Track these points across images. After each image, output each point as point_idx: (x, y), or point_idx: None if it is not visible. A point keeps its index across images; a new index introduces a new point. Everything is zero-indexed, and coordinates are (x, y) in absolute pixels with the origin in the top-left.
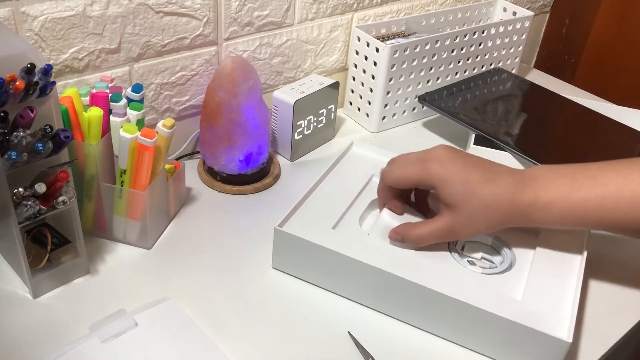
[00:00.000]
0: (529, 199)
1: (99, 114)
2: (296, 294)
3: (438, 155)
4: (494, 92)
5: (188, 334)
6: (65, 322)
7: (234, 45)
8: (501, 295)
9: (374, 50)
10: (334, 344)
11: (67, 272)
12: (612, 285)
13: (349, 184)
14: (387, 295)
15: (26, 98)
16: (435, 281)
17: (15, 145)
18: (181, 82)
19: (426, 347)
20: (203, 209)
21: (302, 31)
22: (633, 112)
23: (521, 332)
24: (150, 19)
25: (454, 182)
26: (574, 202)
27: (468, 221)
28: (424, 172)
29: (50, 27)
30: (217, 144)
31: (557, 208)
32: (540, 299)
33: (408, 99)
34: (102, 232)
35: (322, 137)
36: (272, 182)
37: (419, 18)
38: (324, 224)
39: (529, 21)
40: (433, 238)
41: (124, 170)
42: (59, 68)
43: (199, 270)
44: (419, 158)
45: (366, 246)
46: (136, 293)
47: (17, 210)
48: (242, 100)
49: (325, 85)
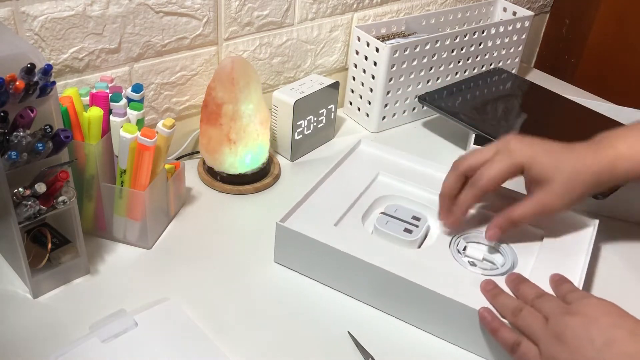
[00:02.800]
0: (610, 154)
1: (99, 114)
2: (296, 294)
3: (514, 140)
4: (494, 92)
5: (188, 334)
6: (65, 322)
7: (234, 45)
8: None
9: (374, 50)
10: (334, 344)
11: (67, 272)
12: (615, 289)
13: (354, 181)
14: (386, 293)
15: (26, 98)
16: (435, 281)
17: (15, 145)
18: (181, 82)
19: (426, 348)
20: (203, 209)
21: (302, 31)
22: (633, 112)
23: None
24: (150, 19)
25: (541, 157)
26: None
27: (563, 190)
28: (512, 158)
29: (50, 27)
30: (217, 144)
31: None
32: None
33: (408, 99)
34: (102, 232)
35: (322, 137)
36: (272, 182)
37: (419, 18)
38: (326, 221)
39: (529, 21)
40: (530, 215)
41: (124, 170)
42: (59, 68)
43: (199, 270)
44: (496, 151)
45: (366, 244)
46: (136, 293)
47: (17, 210)
48: (242, 100)
49: (325, 85)
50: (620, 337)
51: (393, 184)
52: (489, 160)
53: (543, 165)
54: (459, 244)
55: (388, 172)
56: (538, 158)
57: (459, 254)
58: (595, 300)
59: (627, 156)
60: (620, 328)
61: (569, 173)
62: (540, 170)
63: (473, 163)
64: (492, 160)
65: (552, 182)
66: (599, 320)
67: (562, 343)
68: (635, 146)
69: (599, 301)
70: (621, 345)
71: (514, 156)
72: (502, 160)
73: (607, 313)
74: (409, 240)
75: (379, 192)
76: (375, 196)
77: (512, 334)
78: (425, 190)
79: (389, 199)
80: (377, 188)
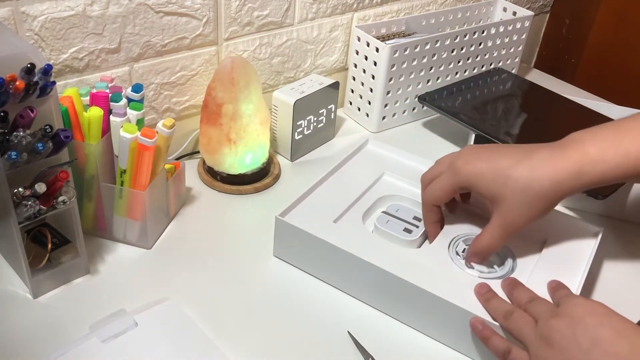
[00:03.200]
0: (576, 158)
1: (99, 114)
2: (296, 294)
3: (463, 156)
4: (494, 92)
5: (188, 334)
6: (65, 322)
7: (234, 45)
8: None
9: (374, 50)
10: (334, 344)
11: (67, 272)
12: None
13: (357, 180)
14: (382, 292)
15: (26, 98)
16: (431, 282)
17: (15, 145)
18: (181, 82)
19: (426, 348)
20: (203, 209)
21: (302, 31)
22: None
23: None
24: (150, 19)
25: (484, 176)
26: (629, 145)
27: (517, 208)
28: (455, 177)
29: (50, 27)
30: (217, 144)
31: (613, 155)
32: None
33: (408, 99)
34: (102, 232)
35: (322, 137)
36: (272, 182)
37: (419, 18)
38: (326, 217)
39: (529, 21)
40: (498, 240)
41: (124, 170)
42: (59, 68)
43: (199, 270)
44: (449, 165)
45: (365, 242)
46: (136, 293)
47: (17, 210)
48: (242, 100)
49: (325, 85)
50: (606, 336)
51: (397, 184)
52: (436, 177)
53: (489, 184)
54: (457, 246)
55: (393, 172)
56: (481, 177)
57: (457, 256)
58: (581, 301)
59: (596, 158)
60: (606, 328)
61: (522, 185)
62: (486, 190)
63: (426, 178)
64: (439, 179)
65: (503, 200)
66: (585, 320)
67: (550, 346)
68: (603, 145)
69: (585, 301)
70: (607, 345)
71: (458, 178)
72: (445, 180)
73: (593, 312)
74: (409, 240)
75: (382, 191)
76: (378, 195)
77: (503, 341)
78: None
79: (391, 198)
80: (381, 187)
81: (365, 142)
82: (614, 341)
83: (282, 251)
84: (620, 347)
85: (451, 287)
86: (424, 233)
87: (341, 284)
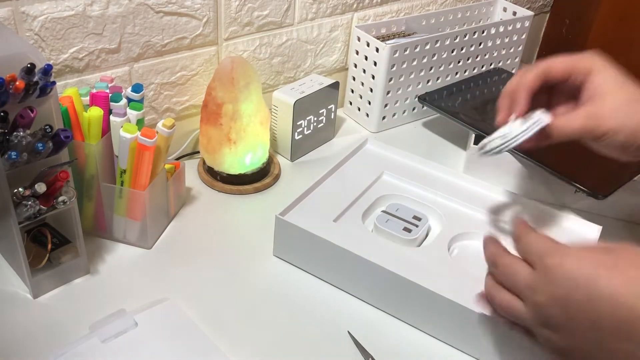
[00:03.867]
0: None
1: (99, 114)
2: (296, 293)
3: (598, 56)
4: (494, 92)
5: (188, 334)
6: (65, 322)
7: (234, 45)
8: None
9: (374, 50)
10: (334, 344)
11: (67, 272)
12: None
13: (357, 179)
14: (383, 291)
15: (26, 98)
16: (430, 280)
17: (15, 145)
18: (181, 82)
19: (425, 348)
20: (203, 209)
21: (302, 31)
22: None
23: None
24: (150, 18)
25: (610, 71)
26: None
27: (619, 106)
28: (583, 58)
29: (50, 27)
30: (217, 144)
31: None
32: None
33: (408, 99)
34: (102, 232)
35: (322, 137)
36: (272, 182)
37: (419, 18)
38: (326, 216)
39: (529, 21)
40: (578, 129)
41: (124, 170)
42: (59, 68)
43: (199, 270)
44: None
45: (364, 241)
46: (136, 293)
47: (17, 210)
48: (242, 100)
49: (325, 85)
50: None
51: (397, 184)
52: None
53: (608, 77)
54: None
55: (393, 172)
56: (607, 71)
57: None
58: (554, 277)
59: None
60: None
61: (632, 93)
62: (602, 81)
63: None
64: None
65: (608, 95)
66: (571, 297)
67: (555, 330)
68: None
69: (557, 277)
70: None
71: (586, 58)
72: (572, 56)
73: (576, 287)
74: (408, 239)
75: (382, 190)
76: (378, 195)
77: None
78: (429, 192)
79: (391, 198)
80: (381, 187)
81: (364, 142)
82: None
83: (282, 250)
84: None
85: (451, 285)
86: (424, 233)
87: (341, 282)
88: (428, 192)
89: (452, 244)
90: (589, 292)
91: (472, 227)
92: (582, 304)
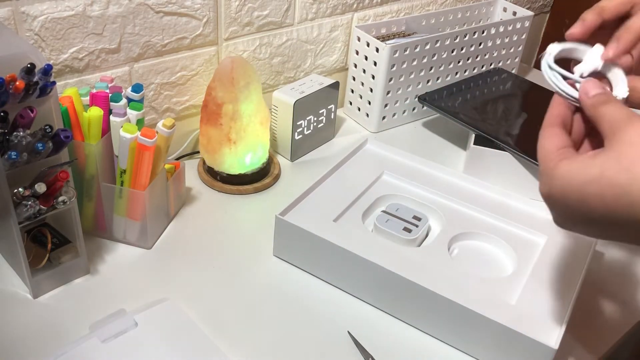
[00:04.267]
0: None
1: (99, 114)
2: (296, 293)
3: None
4: (494, 92)
5: (188, 334)
6: (65, 322)
7: (234, 45)
8: (496, 299)
9: (374, 50)
10: (334, 344)
11: (67, 272)
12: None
13: (357, 180)
14: (383, 291)
15: (26, 98)
16: (430, 280)
17: (15, 145)
18: (181, 82)
19: (425, 348)
20: (203, 209)
21: (302, 31)
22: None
23: (510, 336)
24: (150, 19)
25: None
26: None
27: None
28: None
29: (50, 27)
30: (217, 144)
31: None
32: (535, 304)
33: (408, 99)
34: (102, 232)
35: (322, 137)
36: (272, 182)
37: (419, 18)
38: (326, 216)
39: (529, 21)
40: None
41: (124, 170)
42: (59, 68)
43: (199, 270)
44: None
45: (364, 241)
46: (136, 293)
47: (17, 210)
48: (242, 100)
49: (325, 85)
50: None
51: (397, 184)
52: None
53: None
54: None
55: (392, 172)
56: None
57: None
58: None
59: None
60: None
61: None
62: None
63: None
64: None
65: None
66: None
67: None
68: None
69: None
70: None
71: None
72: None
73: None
74: (408, 239)
75: (381, 191)
76: (378, 195)
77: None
78: (429, 192)
79: (391, 198)
80: (380, 187)
81: (364, 142)
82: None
83: (282, 250)
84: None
85: (451, 285)
86: (424, 233)
87: (341, 282)
88: (428, 192)
89: (452, 244)
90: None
91: (472, 227)
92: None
